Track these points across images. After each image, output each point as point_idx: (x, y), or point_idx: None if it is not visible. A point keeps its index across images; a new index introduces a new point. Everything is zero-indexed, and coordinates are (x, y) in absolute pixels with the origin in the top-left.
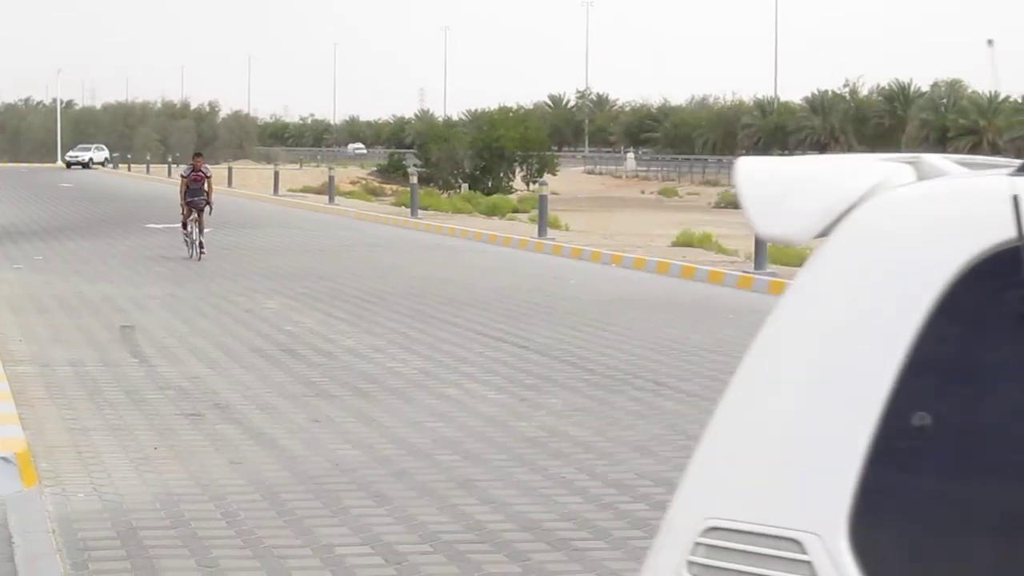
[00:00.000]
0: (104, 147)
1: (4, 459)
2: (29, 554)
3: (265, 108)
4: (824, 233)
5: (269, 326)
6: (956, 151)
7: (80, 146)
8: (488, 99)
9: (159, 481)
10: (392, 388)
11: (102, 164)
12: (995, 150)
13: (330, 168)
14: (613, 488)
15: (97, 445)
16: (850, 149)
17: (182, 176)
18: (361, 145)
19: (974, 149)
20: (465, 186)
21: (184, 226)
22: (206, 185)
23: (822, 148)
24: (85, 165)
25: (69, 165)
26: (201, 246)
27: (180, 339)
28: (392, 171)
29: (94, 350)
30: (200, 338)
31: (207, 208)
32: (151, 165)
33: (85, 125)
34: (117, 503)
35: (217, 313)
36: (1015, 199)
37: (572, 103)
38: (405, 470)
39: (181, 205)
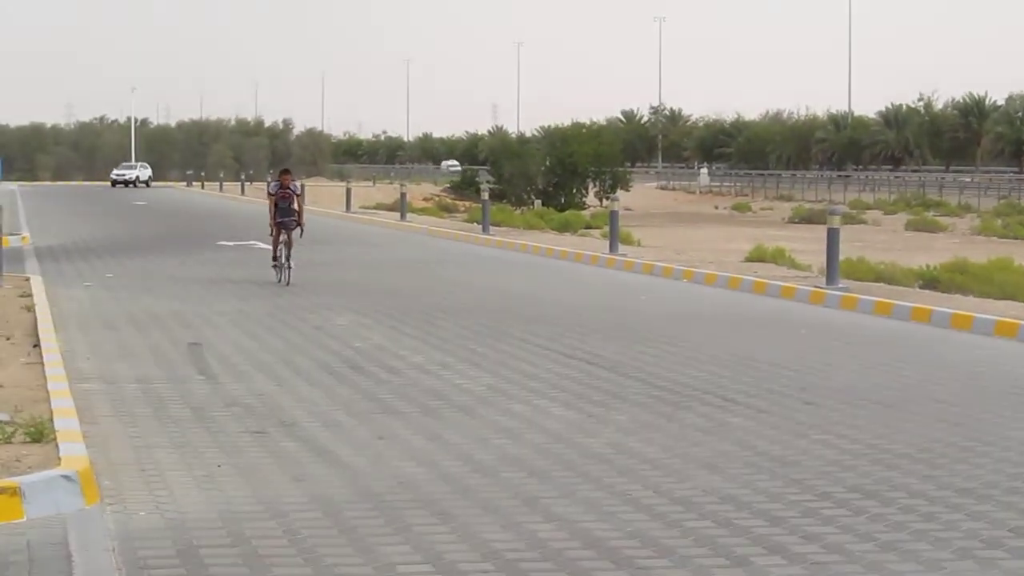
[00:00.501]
0: (147, 165)
1: (66, 477)
2: (88, 572)
3: (338, 125)
4: None
5: (338, 343)
6: None
7: (124, 164)
8: (561, 115)
9: (222, 498)
10: (459, 404)
11: (146, 183)
12: None
13: (402, 185)
14: (679, 505)
15: (161, 462)
16: (924, 163)
17: (269, 194)
18: (455, 162)
19: None
20: (538, 202)
21: (275, 246)
22: (295, 203)
23: (896, 162)
24: (131, 183)
25: (114, 183)
26: (289, 271)
27: (248, 356)
28: (465, 187)
29: (161, 367)
30: (268, 355)
31: (298, 229)
32: (224, 183)
33: (159, 143)
34: (179, 521)
35: (286, 329)
36: None
37: (645, 118)
38: (469, 487)
39: (270, 226)
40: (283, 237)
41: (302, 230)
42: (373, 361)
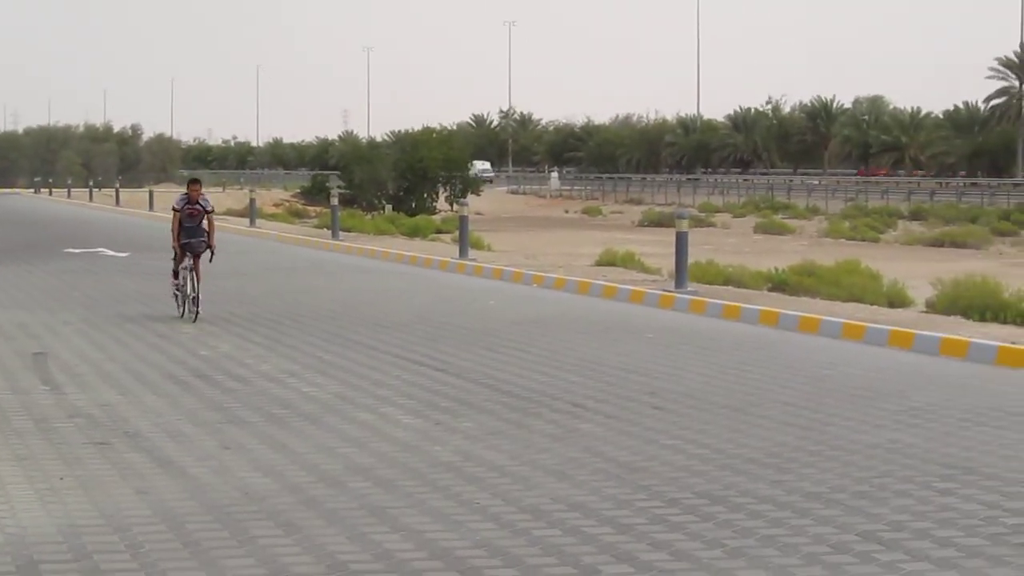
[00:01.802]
0: None
1: None
2: None
3: (188, 131)
4: None
5: (184, 351)
6: (878, 167)
7: None
8: (412, 120)
9: (63, 512)
10: (305, 413)
11: None
12: (917, 166)
13: (251, 191)
14: (527, 514)
15: (1, 476)
16: (772, 166)
17: (174, 209)
18: (488, 166)
19: (896, 165)
20: (389, 207)
21: (175, 275)
22: (205, 222)
23: (745, 165)
24: None
25: None
26: (197, 303)
27: (92, 365)
28: (316, 193)
29: (3, 378)
30: (113, 364)
31: (208, 253)
32: (72, 189)
33: (6, 149)
34: (19, 536)
35: (131, 339)
36: None
37: (495, 122)
38: (315, 498)
39: (174, 247)
40: (188, 262)
41: (212, 254)
42: (219, 370)
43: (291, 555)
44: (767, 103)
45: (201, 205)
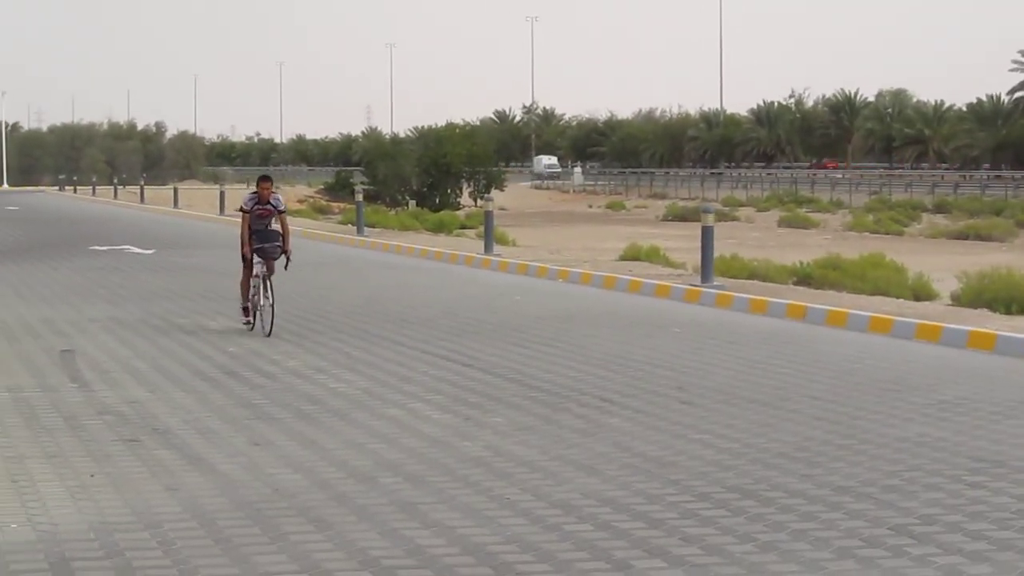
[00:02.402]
0: None
1: None
2: None
3: (211, 128)
4: None
5: (212, 348)
6: (901, 161)
7: None
8: (435, 116)
9: (95, 509)
10: (334, 409)
11: None
12: (940, 159)
13: (276, 187)
14: (558, 509)
15: (32, 473)
16: (796, 160)
17: (242, 210)
18: (555, 160)
19: (920, 158)
20: (412, 203)
21: (245, 285)
22: (275, 222)
23: (768, 159)
24: None
25: None
26: (272, 316)
27: (121, 363)
28: (339, 189)
29: (32, 376)
30: (141, 361)
31: (284, 259)
32: (97, 187)
33: (31, 148)
34: (51, 533)
35: (159, 335)
36: None
37: (519, 118)
38: (345, 494)
39: (244, 254)
40: (261, 269)
41: (288, 259)
42: (247, 366)
43: (323, 551)
44: (790, 97)
45: (272, 204)
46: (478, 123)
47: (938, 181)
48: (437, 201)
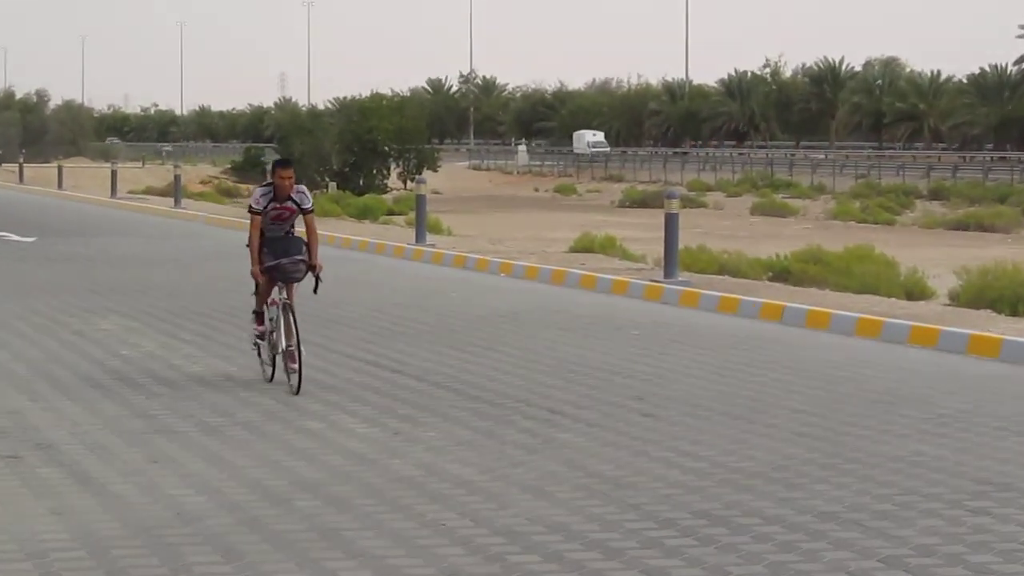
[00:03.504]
0: None
1: None
2: None
3: (101, 98)
4: None
5: (102, 350)
6: (892, 140)
7: None
8: (359, 85)
9: None
10: (244, 422)
11: None
12: (937, 138)
13: (175, 166)
14: (501, 536)
15: None
16: (772, 138)
17: (251, 211)
18: (601, 136)
19: (913, 137)
20: (333, 185)
21: (258, 317)
22: (302, 226)
23: (740, 138)
24: None
25: None
26: (297, 362)
27: None
28: (249, 168)
29: None
30: (20, 364)
31: (312, 276)
32: None
33: None
34: None
35: (41, 335)
36: None
37: (455, 88)
38: (258, 519)
39: (255, 272)
40: (280, 295)
41: (318, 280)
42: (144, 372)
43: None
44: (764, 67)
45: (295, 202)
46: (408, 94)
47: (934, 163)
48: (361, 183)
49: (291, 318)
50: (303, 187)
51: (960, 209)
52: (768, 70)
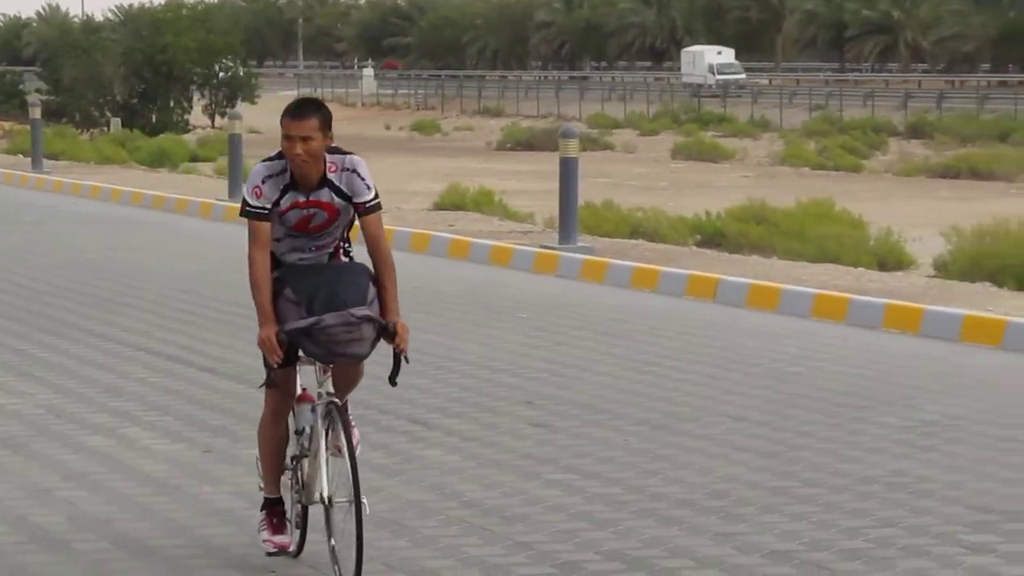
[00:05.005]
0: None
1: None
2: None
3: None
4: None
5: None
6: (858, 60)
7: None
8: None
9: None
10: (5, 438)
11: None
12: (917, 56)
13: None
14: None
15: None
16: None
17: (249, 212)
18: (731, 55)
19: (885, 56)
20: (117, 122)
21: (273, 436)
22: (342, 237)
23: (658, 57)
24: None
25: None
26: (359, 534)
27: None
28: (3, 100)
29: None
30: None
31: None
32: None
33: None
34: None
35: None
36: None
37: None
38: (25, 567)
39: (265, 340)
40: (327, 390)
41: (399, 365)
42: None
43: None
44: None
45: (339, 191)
46: (216, 1)
47: (913, 90)
48: (154, 119)
49: (343, 435)
50: (354, 157)
51: (948, 151)
52: None
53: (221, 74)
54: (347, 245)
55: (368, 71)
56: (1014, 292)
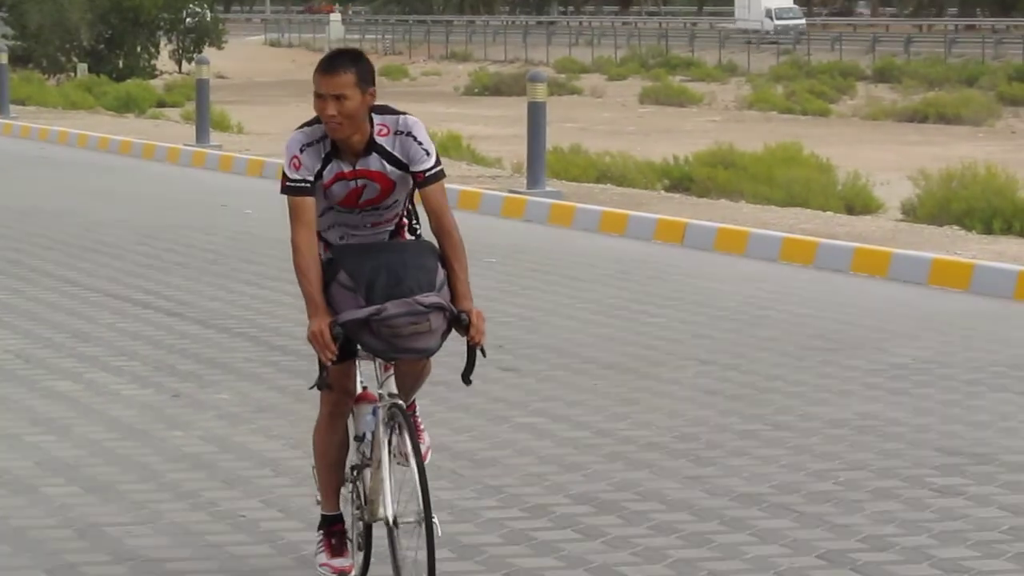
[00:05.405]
0: None
1: None
2: None
3: None
4: None
5: None
6: (824, 3)
7: None
8: None
9: None
10: None
11: None
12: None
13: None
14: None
15: None
16: (666, 2)
17: (290, 187)
18: (791, 3)
19: None
20: (83, 68)
21: (327, 438)
22: (405, 212)
23: (625, 3)
24: None
25: None
26: (431, 544)
27: None
28: None
29: None
30: None
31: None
32: None
33: None
34: None
35: None
36: None
37: None
38: None
39: (317, 334)
40: (387, 394)
41: (474, 358)
42: None
43: None
44: None
45: (392, 158)
46: None
47: (880, 34)
48: (121, 65)
49: (408, 441)
50: (408, 118)
51: (916, 95)
52: None
53: (188, 20)
54: (414, 221)
55: (335, 16)
56: (981, 236)
